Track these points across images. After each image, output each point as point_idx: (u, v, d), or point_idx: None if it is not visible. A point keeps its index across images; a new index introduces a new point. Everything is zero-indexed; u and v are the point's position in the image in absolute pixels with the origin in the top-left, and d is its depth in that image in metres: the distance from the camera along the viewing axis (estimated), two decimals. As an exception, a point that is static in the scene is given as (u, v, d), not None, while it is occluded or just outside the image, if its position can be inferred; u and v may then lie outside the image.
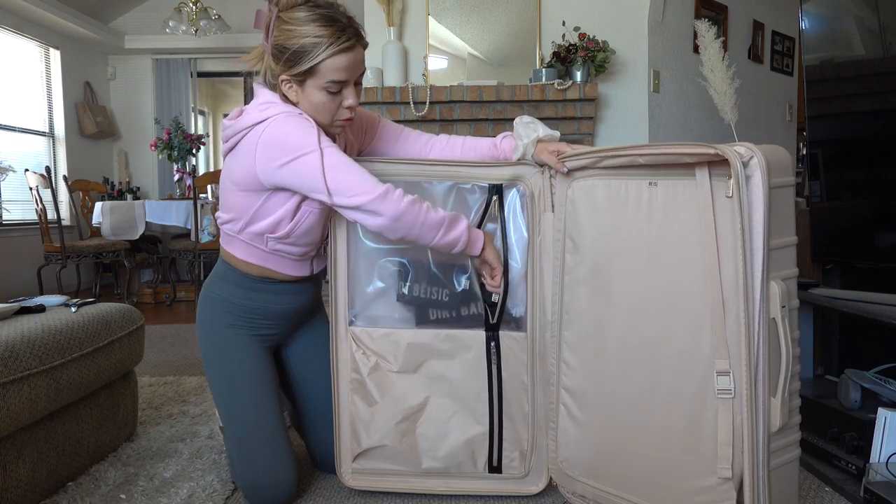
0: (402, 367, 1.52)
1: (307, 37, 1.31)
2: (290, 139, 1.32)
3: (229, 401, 1.51)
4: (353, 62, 1.35)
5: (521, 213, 1.51)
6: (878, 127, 1.85)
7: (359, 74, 1.39)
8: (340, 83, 1.35)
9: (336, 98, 1.37)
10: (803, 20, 2.10)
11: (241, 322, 1.53)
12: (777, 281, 1.14)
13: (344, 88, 1.37)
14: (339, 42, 1.31)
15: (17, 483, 1.41)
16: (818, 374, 2.01)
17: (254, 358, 1.53)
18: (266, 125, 1.34)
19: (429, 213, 1.35)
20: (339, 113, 1.40)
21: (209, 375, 1.55)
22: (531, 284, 1.51)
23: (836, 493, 1.53)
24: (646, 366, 1.30)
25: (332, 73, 1.33)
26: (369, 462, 1.54)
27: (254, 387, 1.51)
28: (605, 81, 3.71)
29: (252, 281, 1.51)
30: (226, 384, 1.52)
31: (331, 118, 1.40)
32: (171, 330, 3.69)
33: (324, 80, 1.34)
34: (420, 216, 1.34)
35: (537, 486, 1.54)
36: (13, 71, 5.08)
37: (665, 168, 1.26)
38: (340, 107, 1.39)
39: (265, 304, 1.52)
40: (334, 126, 1.43)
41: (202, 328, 1.56)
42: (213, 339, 1.54)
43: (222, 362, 1.53)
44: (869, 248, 1.88)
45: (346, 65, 1.33)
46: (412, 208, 1.33)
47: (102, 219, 4.48)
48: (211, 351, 1.55)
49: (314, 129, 1.34)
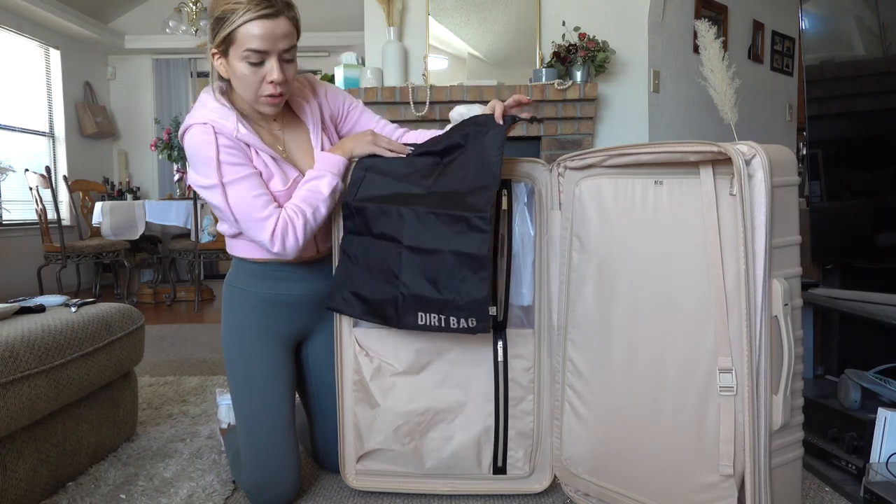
0: (406, 369, 1.51)
1: (227, 3, 1.31)
2: (197, 165, 1.40)
3: (245, 397, 1.51)
4: (271, 31, 1.31)
5: (528, 209, 1.51)
6: (878, 127, 1.85)
7: (284, 49, 1.34)
8: (260, 53, 1.32)
9: (258, 70, 1.34)
10: (803, 20, 2.10)
11: (261, 314, 1.53)
12: (779, 279, 1.14)
13: (266, 60, 1.34)
14: (257, 8, 1.29)
15: (17, 483, 1.40)
16: (818, 374, 2.01)
17: (273, 356, 1.53)
18: (183, 137, 1.40)
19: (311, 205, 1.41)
20: (262, 88, 1.36)
21: (228, 370, 1.55)
22: (538, 282, 1.51)
23: (836, 493, 1.53)
24: (650, 363, 1.30)
25: (249, 40, 1.31)
26: (373, 463, 1.54)
27: (271, 385, 1.51)
28: (605, 81, 3.71)
29: (265, 269, 1.52)
30: (244, 380, 1.52)
31: (254, 93, 1.37)
32: (171, 330, 3.68)
33: (242, 49, 1.32)
34: (312, 219, 1.42)
35: (541, 485, 1.54)
36: (13, 71, 5.08)
37: (670, 167, 1.26)
38: (264, 81, 1.35)
39: (283, 292, 1.54)
40: (260, 103, 1.39)
41: (225, 322, 1.57)
42: (234, 334, 1.55)
43: (242, 358, 1.53)
44: (869, 248, 1.88)
45: (263, 32, 1.30)
46: (304, 224, 1.41)
47: (102, 219, 4.48)
48: (232, 346, 1.55)
49: (213, 150, 1.36)
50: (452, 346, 1.51)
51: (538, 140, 3.64)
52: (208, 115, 1.39)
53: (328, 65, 5.73)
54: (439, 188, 1.40)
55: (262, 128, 1.49)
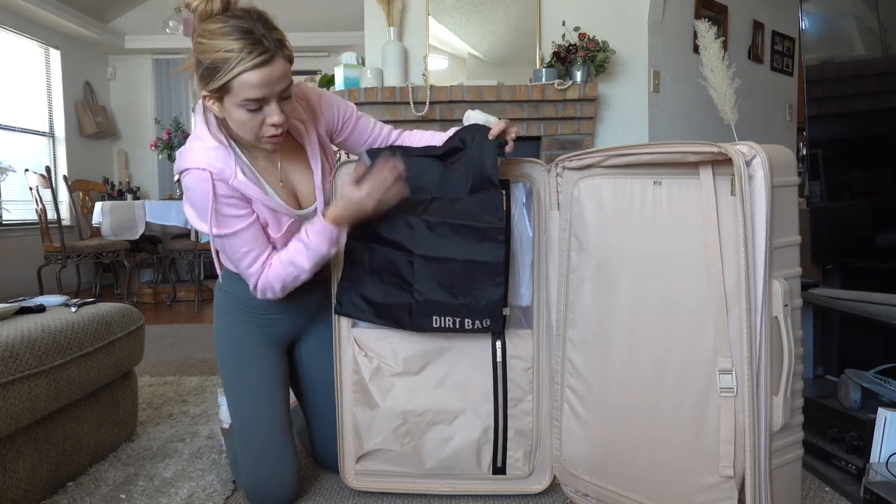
0: (405, 369, 1.51)
1: (217, 51, 1.20)
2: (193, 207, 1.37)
3: (239, 398, 1.52)
4: (268, 78, 1.22)
5: (526, 210, 1.51)
6: (878, 127, 1.85)
7: (282, 89, 1.27)
8: (259, 100, 1.25)
9: (257, 115, 1.27)
10: (803, 20, 2.10)
11: (252, 319, 1.54)
12: (780, 280, 1.14)
13: (265, 105, 1.26)
14: (250, 57, 1.20)
15: (17, 483, 1.40)
16: (818, 374, 2.01)
17: (265, 357, 1.54)
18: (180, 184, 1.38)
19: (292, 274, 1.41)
20: (263, 130, 1.30)
21: (222, 372, 1.56)
22: (537, 282, 1.51)
23: (836, 493, 1.53)
24: (649, 364, 1.30)
25: (246, 90, 1.22)
26: (372, 463, 1.54)
27: (263, 385, 1.52)
28: (605, 81, 3.71)
29: None
30: (237, 381, 1.53)
31: (254, 135, 1.31)
32: (171, 330, 3.68)
33: (239, 98, 1.24)
34: (292, 283, 1.42)
35: (541, 485, 1.54)
36: (13, 71, 5.08)
37: (669, 167, 1.26)
38: (264, 124, 1.29)
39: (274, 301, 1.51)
40: (262, 142, 1.33)
41: (217, 324, 1.58)
42: (226, 336, 1.56)
43: (234, 359, 1.54)
44: (869, 248, 1.88)
45: (260, 81, 1.22)
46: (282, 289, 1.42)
47: (102, 219, 4.48)
48: (224, 347, 1.56)
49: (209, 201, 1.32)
50: (452, 347, 1.51)
51: (538, 140, 3.64)
52: (206, 158, 1.33)
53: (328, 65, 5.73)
54: (443, 193, 1.41)
55: (259, 154, 1.43)
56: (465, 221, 1.37)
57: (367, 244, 1.46)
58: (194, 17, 1.25)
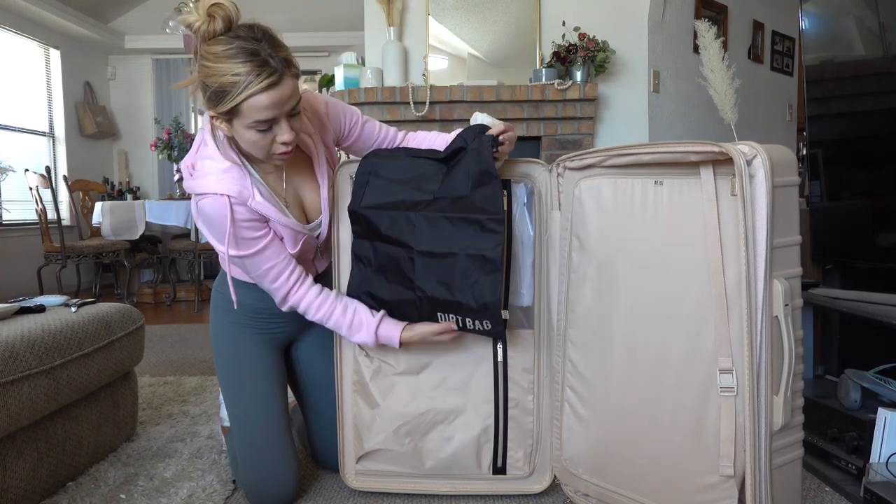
0: (406, 369, 1.52)
1: (224, 75, 1.18)
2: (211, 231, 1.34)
3: (236, 399, 1.52)
4: (277, 99, 1.21)
5: (527, 210, 1.51)
6: (878, 127, 1.85)
7: (291, 107, 1.25)
8: (268, 121, 1.24)
9: (268, 135, 1.26)
10: (803, 20, 2.10)
11: (249, 321, 1.54)
12: (780, 279, 1.14)
13: (274, 125, 1.25)
14: (258, 80, 1.18)
15: (17, 483, 1.40)
16: (818, 374, 2.01)
17: (261, 357, 1.54)
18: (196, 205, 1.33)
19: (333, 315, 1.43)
20: (274, 148, 1.29)
21: (219, 372, 1.57)
22: (538, 282, 1.51)
23: (836, 493, 1.53)
24: (650, 364, 1.30)
25: (255, 112, 1.21)
26: (373, 463, 1.54)
27: (260, 386, 1.52)
28: (605, 81, 3.71)
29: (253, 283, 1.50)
30: (233, 382, 1.53)
31: (265, 154, 1.30)
32: (171, 330, 3.68)
33: (248, 121, 1.23)
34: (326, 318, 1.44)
35: (541, 485, 1.54)
36: (13, 71, 5.08)
37: (670, 167, 1.26)
38: (274, 142, 1.28)
39: (270, 304, 1.51)
40: (272, 160, 1.33)
41: (213, 325, 1.58)
42: (222, 336, 1.56)
43: (231, 360, 1.54)
44: (869, 248, 1.88)
45: (270, 103, 1.20)
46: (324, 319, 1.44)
47: (102, 219, 4.48)
48: (220, 348, 1.56)
49: (226, 224, 1.30)
50: (452, 347, 1.51)
51: (538, 140, 3.64)
52: (224, 182, 1.31)
53: (328, 65, 5.73)
54: (445, 193, 1.41)
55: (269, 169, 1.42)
56: (464, 214, 1.35)
57: (370, 242, 1.46)
58: (196, 37, 1.23)
